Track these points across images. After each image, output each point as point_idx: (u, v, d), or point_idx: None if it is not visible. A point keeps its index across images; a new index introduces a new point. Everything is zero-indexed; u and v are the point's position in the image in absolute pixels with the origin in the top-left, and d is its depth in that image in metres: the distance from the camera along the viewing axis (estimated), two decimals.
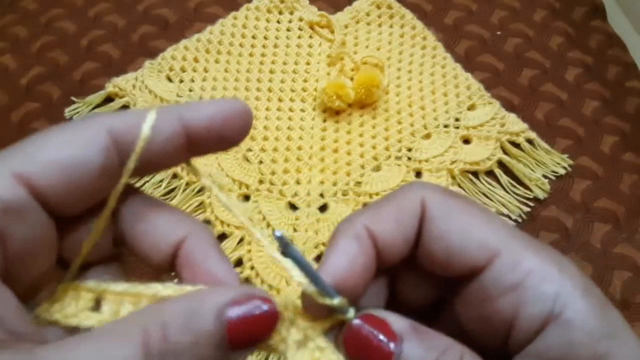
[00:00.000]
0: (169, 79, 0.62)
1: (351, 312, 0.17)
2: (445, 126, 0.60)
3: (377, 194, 0.55)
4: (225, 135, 0.19)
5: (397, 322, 0.17)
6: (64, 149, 0.16)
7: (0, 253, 0.15)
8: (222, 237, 0.52)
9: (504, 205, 0.55)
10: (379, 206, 0.19)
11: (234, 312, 0.15)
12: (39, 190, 0.15)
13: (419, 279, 0.20)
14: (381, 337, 0.16)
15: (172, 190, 0.55)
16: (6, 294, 0.15)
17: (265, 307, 0.16)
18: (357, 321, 0.17)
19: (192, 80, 0.62)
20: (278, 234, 0.16)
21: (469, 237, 0.17)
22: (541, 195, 0.56)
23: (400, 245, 0.18)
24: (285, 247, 0.16)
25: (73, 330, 0.17)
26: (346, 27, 0.68)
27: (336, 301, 0.16)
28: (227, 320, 0.15)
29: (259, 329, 0.16)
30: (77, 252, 0.18)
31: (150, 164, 0.18)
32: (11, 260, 0.15)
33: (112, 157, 0.17)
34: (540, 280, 0.17)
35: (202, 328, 0.15)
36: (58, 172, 0.15)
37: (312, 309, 0.17)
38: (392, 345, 0.16)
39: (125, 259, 0.20)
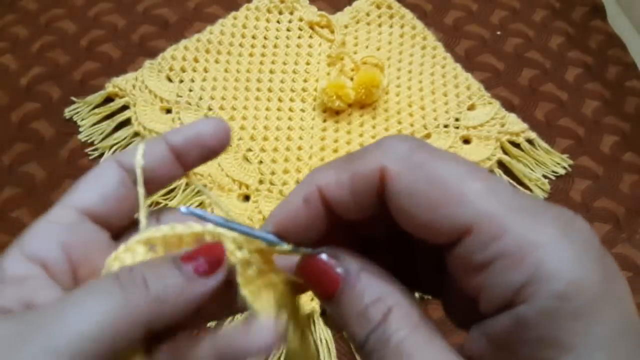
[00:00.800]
0: (169, 79, 0.62)
1: (288, 246, 0.20)
2: (445, 126, 0.60)
3: None
4: (204, 148, 0.23)
5: (348, 260, 0.19)
6: (91, 180, 0.21)
7: (68, 261, 0.20)
8: None
9: None
10: (337, 168, 0.19)
11: (190, 261, 0.19)
12: (86, 209, 0.21)
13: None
14: (332, 267, 0.19)
15: (172, 190, 0.55)
16: (58, 290, 0.19)
17: (210, 248, 0.20)
18: (318, 255, 0.19)
19: (192, 80, 0.62)
20: (183, 209, 0.19)
21: (435, 212, 0.16)
22: (541, 195, 0.56)
23: (355, 210, 0.19)
24: (201, 218, 0.19)
25: None
26: (346, 27, 0.68)
27: (273, 240, 0.20)
28: (183, 263, 0.19)
29: (212, 256, 0.19)
30: None
31: (155, 182, 0.22)
32: (76, 262, 0.20)
33: (123, 175, 0.22)
34: (510, 265, 0.15)
35: (161, 266, 0.19)
36: (91, 192, 0.21)
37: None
38: (340, 273, 0.18)
39: None
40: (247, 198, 0.55)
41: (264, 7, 0.69)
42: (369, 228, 0.21)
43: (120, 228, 0.22)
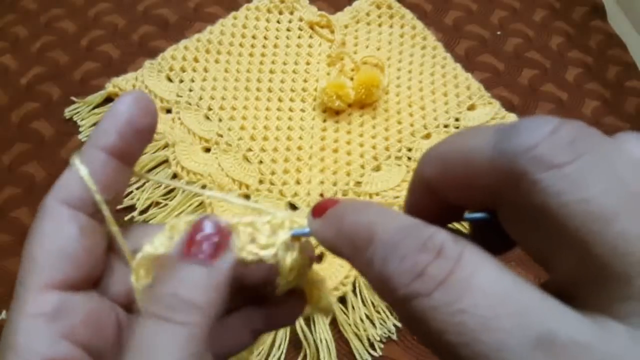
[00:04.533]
0: (169, 79, 0.62)
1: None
2: (445, 126, 0.60)
3: (377, 194, 0.55)
4: (139, 132, 0.20)
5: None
6: (49, 244, 0.19)
7: (78, 348, 0.18)
8: None
9: None
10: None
11: (193, 248, 0.18)
12: (61, 283, 0.19)
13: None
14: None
15: (172, 190, 0.55)
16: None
17: (207, 224, 0.19)
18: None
19: (192, 80, 0.62)
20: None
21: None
22: None
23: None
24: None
25: None
26: (346, 27, 0.68)
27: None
28: (191, 255, 0.18)
29: (216, 239, 0.18)
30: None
31: (110, 197, 0.20)
32: (86, 343, 0.19)
33: (82, 220, 0.19)
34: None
35: (179, 272, 0.18)
36: (59, 261, 0.19)
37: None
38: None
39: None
40: (247, 198, 0.55)
41: (264, 7, 0.69)
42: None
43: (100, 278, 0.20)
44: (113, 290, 0.21)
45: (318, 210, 0.18)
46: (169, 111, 0.60)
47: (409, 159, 0.58)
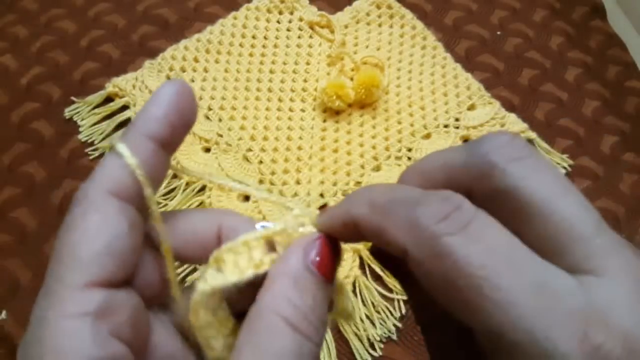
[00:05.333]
0: (169, 79, 0.62)
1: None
2: (445, 126, 0.60)
3: None
4: (184, 122, 0.20)
5: None
6: (96, 238, 0.17)
7: (123, 346, 0.17)
8: None
9: None
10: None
11: (312, 257, 0.18)
12: (108, 280, 0.17)
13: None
14: None
15: (172, 190, 0.55)
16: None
17: (316, 238, 0.19)
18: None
19: (192, 80, 0.62)
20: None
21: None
22: None
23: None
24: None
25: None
26: (346, 27, 0.68)
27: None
28: (314, 267, 0.18)
29: (332, 254, 0.19)
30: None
31: (156, 180, 0.19)
32: (131, 343, 0.18)
33: (130, 213, 0.18)
34: None
35: (308, 284, 0.18)
36: (106, 258, 0.17)
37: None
38: None
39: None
40: (247, 198, 0.55)
41: (264, 7, 0.69)
42: None
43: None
44: (140, 285, 0.19)
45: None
46: None
47: (409, 159, 0.58)
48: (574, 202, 0.16)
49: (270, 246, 0.20)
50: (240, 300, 0.20)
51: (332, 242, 0.19)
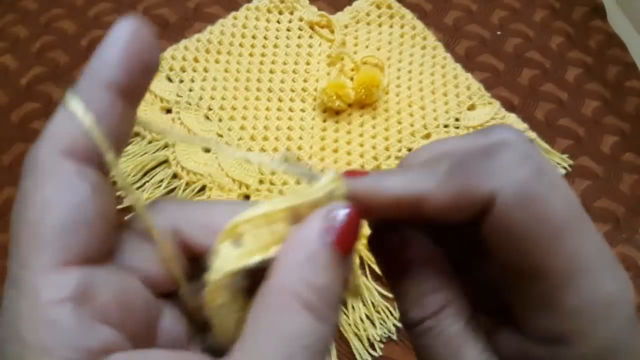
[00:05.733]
0: (169, 79, 0.62)
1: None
2: (445, 126, 0.60)
3: None
4: (145, 64, 0.16)
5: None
6: (58, 208, 0.15)
7: (112, 329, 0.15)
8: None
9: None
10: (444, 175, 0.18)
11: (330, 232, 0.16)
12: (80, 258, 0.15)
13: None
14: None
15: (172, 190, 0.55)
16: (158, 353, 0.16)
17: (346, 210, 0.17)
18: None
19: (192, 80, 0.62)
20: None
21: (539, 261, 0.17)
22: None
23: (450, 219, 0.18)
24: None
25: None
26: (346, 27, 0.68)
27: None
28: (331, 242, 0.16)
29: (353, 228, 0.17)
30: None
31: (118, 146, 0.16)
32: (120, 326, 0.16)
33: (90, 175, 0.16)
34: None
35: (325, 261, 0.16)
36: (75, 230, 0.15)
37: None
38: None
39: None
40: (247, 198, 0.55)
41: (264, 7, 0.69)
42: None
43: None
44: (130, 263, 0.17)
45: (352, 174, 0.18)
46: (169, 111, 0.60)
47: None
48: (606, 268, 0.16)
49: (296, 220, 0.17)
50: (249, 272, 0.18)
51: (356, 215, 0.17)
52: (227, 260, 0.16)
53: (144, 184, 0.55)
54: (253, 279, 0.17)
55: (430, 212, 0.17)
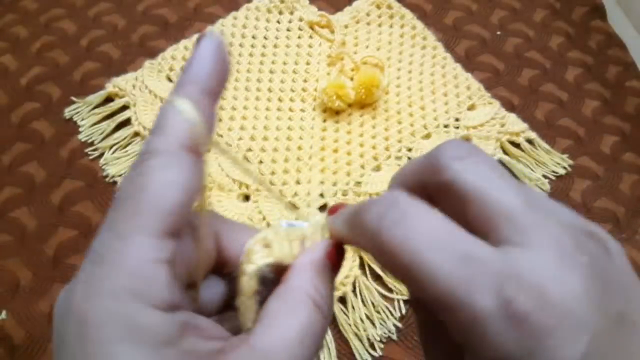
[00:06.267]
0: (169, 79, 0.62)
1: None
2: (445, 126, 0.60)
3: (377, 193, 0.55)
4: (224, 75, 0.21)
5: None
6: (173, 188, 0.18)
7: (188, 296, 0.20)
8: None
9: None
10: None
11: (330, 252, 0.22)
12: (176, 231, 0.18)
13: None
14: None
15: None
16: (209, 322, 0.20)
17: (327, 244, 0.22)
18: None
19: None
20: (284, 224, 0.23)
21: None
22: None
23: None
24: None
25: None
26: (346, 27, 0.68)
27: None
28: (329, 259, 0.22)
29: (335, 255, 0.22)
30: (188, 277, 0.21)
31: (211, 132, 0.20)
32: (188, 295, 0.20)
33: (197, 165, 0.19)
34: None
35: (327, 275, 0.21)
36: (179, 210, 0.18)
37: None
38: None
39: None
40: (247, 198, 0.55)
41: (264, 7, 0.69)
42: None
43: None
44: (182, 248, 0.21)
45: (333, 210, 0.23)
46: None
47: (409, 159, 0.58)
48: (504, 186, 0.18)
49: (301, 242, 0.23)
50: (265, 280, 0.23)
51: (334, 248, 0.22)
52: (260, 256, 0.22)
53: None
54: (266, 287, 0.21)
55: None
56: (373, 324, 0.48)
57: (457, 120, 0.61)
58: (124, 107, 0.60)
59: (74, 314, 0.17)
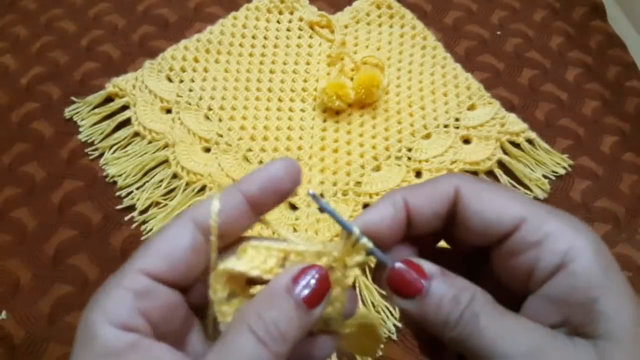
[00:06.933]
0: (169, 79, 0.62)
1: (367, 242, 0.23)
2: (445, 126, 0.60)
3: (377, 194, 0.55)
4: (278, 192, 0.24)
5: (429, 266, 0.23)
6: (165, 243, 0.23)
7: (148, 324, 0.22)
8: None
9: None
10: (419, 186, 0.24)
11: (298, 284, 0.22)
12: (156, 275, 0.22)
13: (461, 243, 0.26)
14: (415, 275, 0.22)
15: (172, 190, 0.55)
16: (163, 347, 0.21)
17: (316, 271, 0.22)
18: (398, 264, 0.23)
19: (192, 80, 0.62)
20: (311, 192, 0.23)
21: (499, 210, 0.23)
22: (541, 195, 0.56)
23: (430, 217, 0.24)
24: (319, 203, 0.23)
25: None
26: (346, 27, 0.68)
27: (355, 232, 0.23)
28: (295, 291, 0.21)
29: (320, 288, 0.22)
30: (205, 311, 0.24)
31: (229, 235, 0.24)
32: (155, 324, 0.22)
33: (198, 239, 0.23)
34: (555, 239, 0.22)
35: (281, 301, 0.21)
36: (163, 259, 0.22)
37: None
38: (423, 281, 0.22)
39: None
40: None
41: (264, 7, 0.69)
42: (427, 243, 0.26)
43: (190, 285, 0.24)
44: (193, 296, 0.24)
45: (408, 294, 0.23)
46: (169, 111, 0.60)
47: (409, 159, 0.58)
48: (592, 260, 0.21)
49: (284, 261, 0.23)
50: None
51: (322, 275, 0.22)
52: (223, 263, 0.23)
53: (144, 184, 0.55)
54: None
55: (415, 212, 0.24)
56: None
57: (457, 120, 0.61)
58: (124, 107, 0.60)
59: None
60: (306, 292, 0.21)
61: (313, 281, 0.22)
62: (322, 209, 0.22)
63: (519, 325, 0.21)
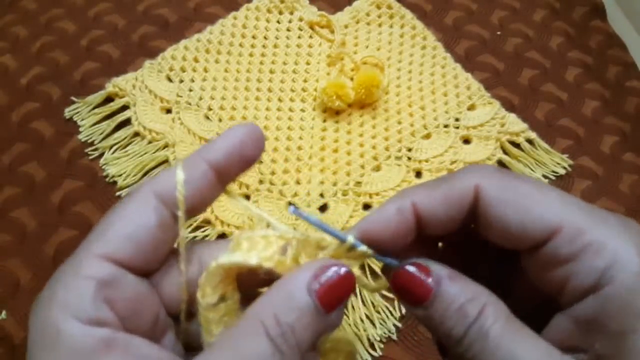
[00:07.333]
0: (169, 79, 0.62)
1: (368, 251, 0.21)
2: (445, 126, 0.60)
3: (377, 194, 0.55)
4: (243, 158, 0.22)
5: (438, 268, 0.21)
6: (126, 222, 0.20)
7: (114, 315, 0.19)
8: (222, 236, 0.52)
9: None
10: (434, 185, 0.22)
11: (317, 283, 0.19)
12: (120, 260, 0.20)
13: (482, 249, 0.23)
14: (424, 277, 0.20)
15: None
16: (142, 341, 0.19)
17: (341, 270, 0.20)
18: (404, 268, 0.21)
19: (192, 80, 0.62)
20: (292, 209, 0.21)
21: (527, 217, 0.19)
22: None
23: (444, 221, 0.21)
24: (303, 217, 0.21)
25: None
26: (346, 27, 0.68)
27: (350, 240, 0.21)
28: (314, 291, 0.19)
29: (341, 289, 0.20)
30: (178, 299, 0.22)
31: (197, 207, 0.21)
32: (123, 319, 0.19)
33: (163, 214, 0.20)
34: (594, 254, 0.18)
35: (300, 304, 0.19)
36: (128, 242, 0.20)
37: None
38: (431, 282, 0.20)
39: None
40: (247, 198, 0.55)
41: (264, 7, 0.69)
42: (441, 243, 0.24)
43: (155, 269, 0.21)
44: (163, 288, 0.22)
45: (417, 300, 0.21)
46: (169, 111, 0.60)
47: (409, 159, 0.58)
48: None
49: (284, 250, 0.21)
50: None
51: (347, 277, 0.20)
52: (222, 258, 0.20)
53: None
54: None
55: (427, 216, 0.21)
56: (373, 324, 0.48)
57: (457, 120, 0.61)
58: (124, 107, 0.60)
59: (32, 321, 0.19)
60: (327, 292, 0.19)
61: (335, 279, 0.19)
62: (311, 222, 0.21)
63: (532, 352, 0.19)
